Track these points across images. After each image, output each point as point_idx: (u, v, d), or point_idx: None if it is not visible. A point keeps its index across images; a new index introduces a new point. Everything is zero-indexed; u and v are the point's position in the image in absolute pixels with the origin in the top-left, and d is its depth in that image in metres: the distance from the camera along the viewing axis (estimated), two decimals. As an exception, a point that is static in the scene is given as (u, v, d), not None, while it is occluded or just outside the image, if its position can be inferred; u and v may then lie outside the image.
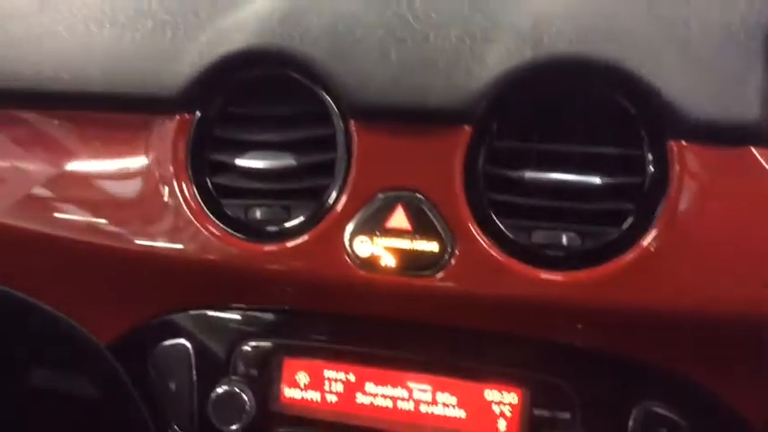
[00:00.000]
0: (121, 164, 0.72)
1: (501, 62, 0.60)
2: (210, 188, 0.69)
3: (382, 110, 0.62)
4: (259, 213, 0.67)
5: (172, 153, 0.68)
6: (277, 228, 0.67)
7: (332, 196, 0.65)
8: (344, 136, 0.64)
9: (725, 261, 0.58)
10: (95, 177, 0.73)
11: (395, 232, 0.63)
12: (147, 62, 0.69)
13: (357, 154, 0.63)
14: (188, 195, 0.68)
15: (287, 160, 0.66)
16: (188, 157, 0.68)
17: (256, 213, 0.67)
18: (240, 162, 0.67)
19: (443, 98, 0.61)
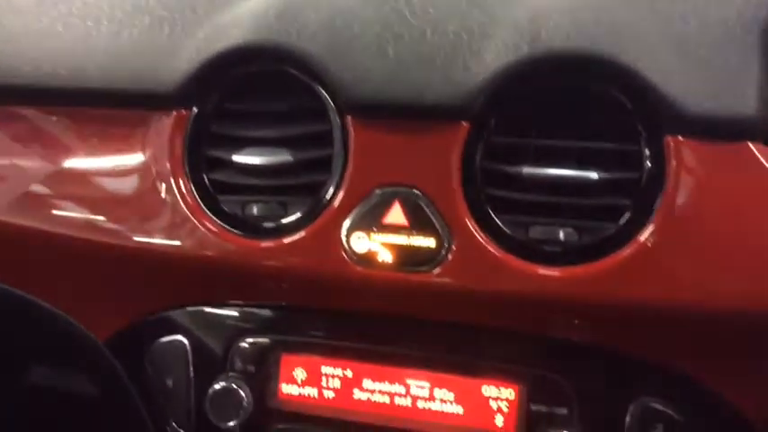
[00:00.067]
0: (119, 160, 0.72)
1: (498, 57, 0.60)
2: (207, 184, 0.68)
3: (379, 106, 0.62)
4: (256, 209, 0.67)
5: (169, 149, 0.68)
6: (274, 224, 0.67)
7: (329, 192, 0.65)
8: (341, 132, 0.64)
9: (722, 256, 0.58)
10: (92, 174, 0.73)
11: (392, 228, 0.63)
12: (145, 58, 0.69)
13: (354, 150, 0.63)
14: (185, 191, 0.68)
15: (284, 156, 0.66)
16: (185, 154, 0.68)
17: (253, 209, 0.67)
18: (237, 158, 0.67)
19: (441, 94, 0.61)
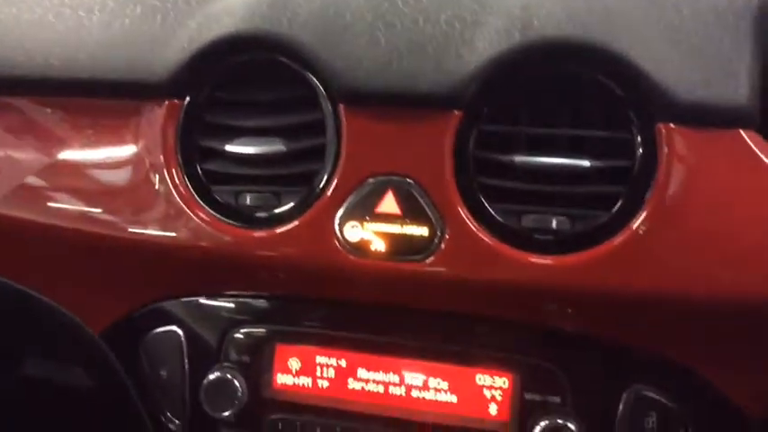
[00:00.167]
0: (112, 151, 0.72)
1: (491, 46, 0.60)
2: (200, 174, 0.68)
3: (372, 94, 0.62)
4: (249, 199, 0.67)
5: (161, 139, 0.68)
6: (267, 214, 0.67)
7: (321, 181, 0.64)
8: (334, 121, 0.64)
9: (714, 244, 0.58)
10: (86, 165, 0.73)
11: (385, 217, 0.63)
12: (137, 48, 0.68)
13: (347, 139, 0.63)
14: (178, 181, 0.67)
15: (276, 146, 0.66)
16: (177, 143, 0.68)
17: (246, 199, 0.67)
18: (230, 148, 0.67)
19: (433, 82, 0.61)
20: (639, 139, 0.59)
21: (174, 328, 0.75)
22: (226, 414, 0.71)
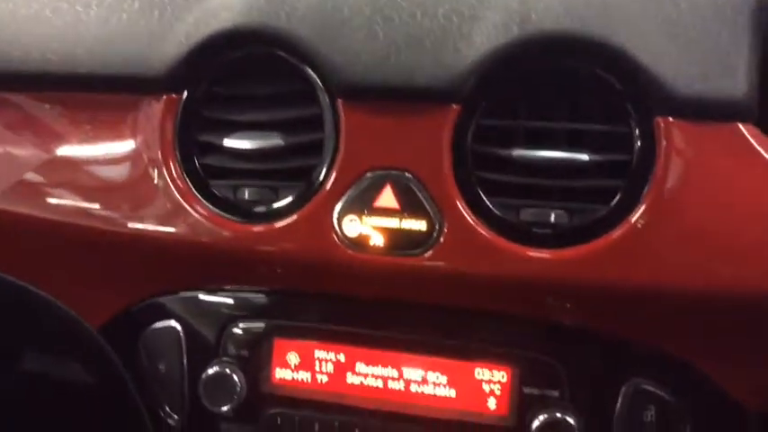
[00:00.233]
0: (110, 146, 0.72)
1: (488, 40, 0.60)
2: (198, 169, 0.68)
3: (370, 88, 0.62)
4: (247, 194, 0.67)
5: (159, 134, 0.68)
6: (265, 208, 0.67)
7: (320, 176, 0.64)
8: (332, 115, 0.64)
9: (712, 237, 0.58)
10: (84, 160, 0.73)
11: (383, 211, 0.63)
12: (135, 42, 0.68)
13: (345, 133, 0.63)
14: (176, 176, 0.67)
15: (274, 140, 0.66)
16: (175, 138, 0.68)
17: (245, 194, 0.67)
18: (228, 142, 0.66)
19: (431, 76, 0.61)
20: (638, 133, 0.59)
21: (173, 323, 0.75)
22: (224, 408, 0.71)
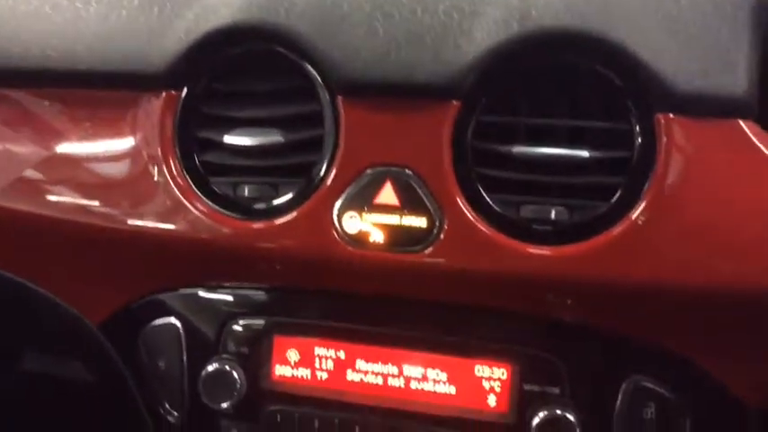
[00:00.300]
0: (110, 143, 0.71)
1: (489, 36, 0.60)
2: (198, 166, 0.68)
3: (370, 85, 0.62)
4: (247, 191, 0.67)
5: (159, 130, 0.68)
6: (265, 205, 0.67)
7: (320, 173, 0.64)
8: (332, 111, 0.64)
9: (712, 234, 0.58)
10: (84, 157, 0.72)
11: (383, 208, 0.63)
12: (134, 39, 0.68)
13: (345, 129, 0.63)
14: (176, 173, 0.67)
15: (274, 137, 0.65)
16: (175, 135, 0.68)
17: (244, 191, 0.67)
18: (228, 139, 0.66)
19: (431, 73, 0.61)
20: (638, 130, 0.59)
21: (173, 320, 0.75)
22: (224, 405, 0.71)
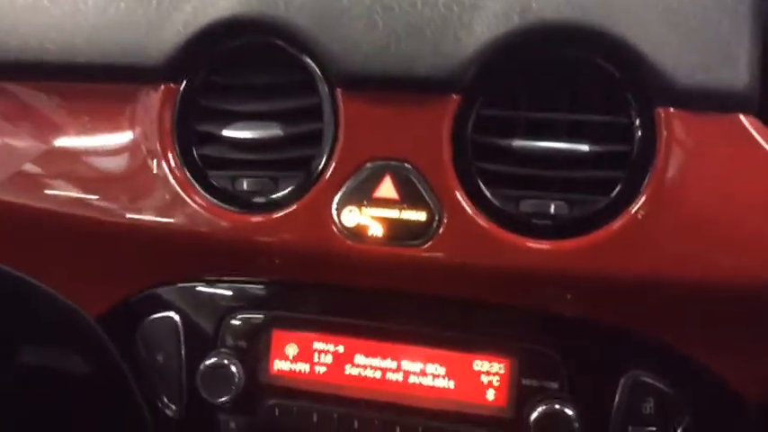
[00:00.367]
0: (108, 136, 0.71)
1: (489, 29, 0.60)
2: (197, 159, 0.68)
3: (369, 78, 0.62)
4: (246, 184, 0.67)
5: (158, 124, 0.67)
6: (264, 199, 0.67)
7: (319, 166, 0.64)
8: (331, 104, 0.64)
9: (712, 229, 0.57)
10: (82, 150, 0.72)
11: (383, 202, 0.63)
12: (133, 32, 0.68)
13: (344, 123, 0.63)
14: (174, 166, 0.67)
15: (273, 130, 0.65)
16: (174, 128, 0.67)
17: (243, 184, 0.67)
18: (226, 132, 0.66)
19: (431, 66, 0.60)
20: (638, 124, 0.59)
21: (171, 314, 0.74)
22: (222, 399, 0.71)
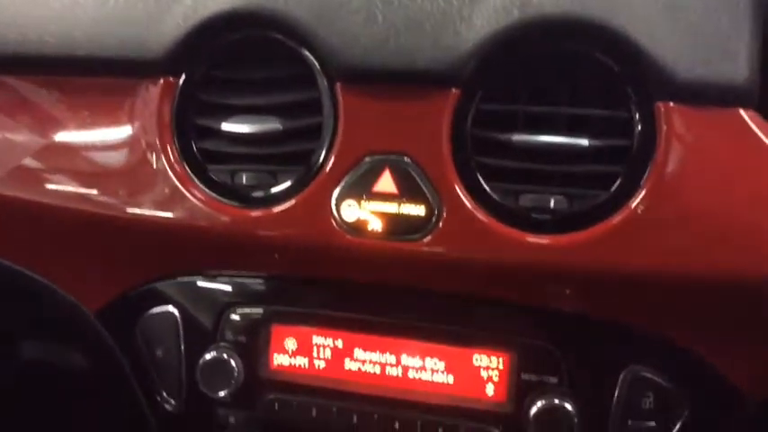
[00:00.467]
0: (108, 130, 0.71)
1: (489, 23, 0.59)
2: (196, 153, 0.68)
3: (369, 71, 0.61)
4: (245, 178, 0.67)
5: (157, 117, 0.67)
6: (263, 193, 0.66)
7: (318, 160, 0.64)
8: (330, 99, 0.63)
9: (712, 223, 0.57)
10: (82, 144, 0.72)
11: (382, 196, 0.63)
12: (132, 25, 0.68)
13: (344, 117, 0.63)
14: (173, 160, 0.67)
15: (273, 124, 0.65)
16: (173, 122, 0.67)
17: (242, 178, 0.67)
18: (226, 126, 0.66)
19: (431, 60, 0.60)
20: (638, 118, 0.59)
21: (170, 308, 0.74)
22: (222, 394, 0.71)
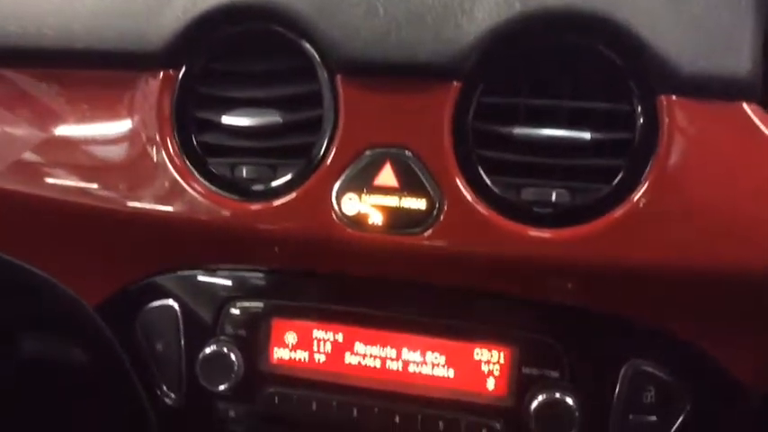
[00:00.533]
0: (107, 124, 0.71)
1: (490, 16, 0.59)
2: (196, 147, 0.68)
3: (370, 64, 0.61)
4: (245, 172, 0.67)
5: (157, 111, 0.67)
6: (263, 186, 0.66)
7: (319, 154, 0.64)
8: (331, 91, 0.63)
9: (714, 216, 0.57)
10: (81, 138, 0.72)
11: (383, 189, 0.62)
12: (131, 17, 0.67)
13: (344, 110, 0.62)
14: (173, 153, 0.67)
15: (273, 117, 0.65)
16: (173, 115, 0.67)
17: (243, 172, 0.67)
18: (226, 119, 0.66)
19: (432, 53, 0.60)
20: (640, 111, 0.59)
21: (170, 302, 0.74)
22: (222, 387, 0.71)
